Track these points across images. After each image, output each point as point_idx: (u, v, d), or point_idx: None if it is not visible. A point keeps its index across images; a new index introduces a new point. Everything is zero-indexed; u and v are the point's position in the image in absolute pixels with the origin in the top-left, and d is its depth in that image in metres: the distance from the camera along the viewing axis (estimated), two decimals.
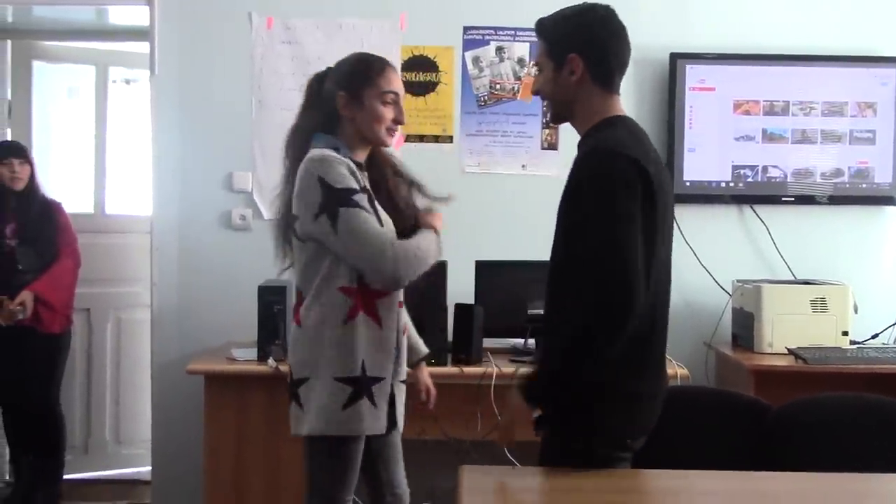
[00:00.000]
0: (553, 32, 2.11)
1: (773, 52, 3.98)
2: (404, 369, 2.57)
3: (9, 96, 4.51)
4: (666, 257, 2.09)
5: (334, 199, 2.31)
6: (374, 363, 2.40)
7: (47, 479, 4.09)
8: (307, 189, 2.35)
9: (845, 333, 3.63)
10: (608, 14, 2.09)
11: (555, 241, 2.10)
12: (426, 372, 2.81)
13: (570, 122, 2.16)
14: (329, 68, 2.55)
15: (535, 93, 2.18)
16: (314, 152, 2.41)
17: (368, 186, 2.44)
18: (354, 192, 2.33)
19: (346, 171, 2.34)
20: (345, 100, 2.44)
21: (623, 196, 1.91)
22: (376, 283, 2.36)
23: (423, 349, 2.78)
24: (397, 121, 2.47)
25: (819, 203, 4.03)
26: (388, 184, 2.54)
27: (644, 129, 2.14)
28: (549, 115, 2.21)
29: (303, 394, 2.42)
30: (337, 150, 2.42)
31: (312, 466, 2.47)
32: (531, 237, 3.74)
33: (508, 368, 3.34)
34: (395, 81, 2.48)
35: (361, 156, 2.51)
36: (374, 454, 2.59)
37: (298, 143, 2.49)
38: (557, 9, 2.15)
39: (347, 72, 2.47)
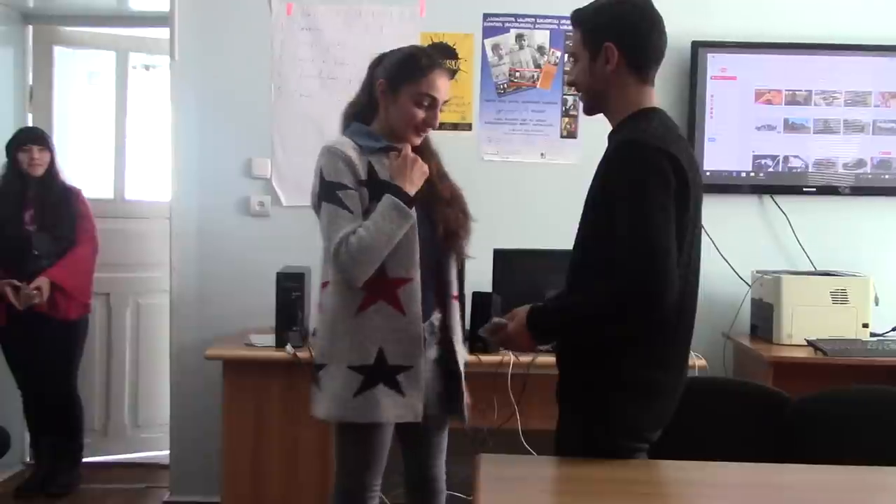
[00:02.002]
0: (589, 22, 2.09)
1: (795, 40, 3.95)
2: (459, 355, 2.57)
3: (30, 81, 4.54)
4: (695, 255, 2.07)
5: (323, 192, 2.39)
6: (397, 351, 2.40)
7: (67, 462, 4.13)
8: (315, 177, 2.43)
9: (866, 325, 3.61)
10: (645, 4, 2.08)
11: (580, 233, 2.08)
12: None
13: (603, 112, 2.12)
14: (392, 50, 2.55)
15: (571, 84, 2.18)
16: (330, 140, 2.46)
17: (384, 175, 2.41)
18: (341, 186, 2.35)
19: (342, 164, 2.37)
20: (383, 87, 2.45)
21: (656, 187, 1.89)
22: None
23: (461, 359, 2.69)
24: (427, 124, 2.46)
25: (841, 194, 3.99)
26: (433, 173, 2.52)
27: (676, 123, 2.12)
28: (582, 106, 2.16)
29: (322, 378, 2.46)
30: (357, 136, 2.45)
31: (338, 450, 2.53)
32: (550, 226, 3.73)
33: (525, 357, 3.34)
34: (438, 85, 2.43)
35: (395, 142, 2.47)
36: (409, 441, 2.62)
37: (343, 122, 2.56)
38: None
39: (394, 62, 2.47)
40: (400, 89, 2.42)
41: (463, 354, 2.64)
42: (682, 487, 1.99)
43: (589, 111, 2.16)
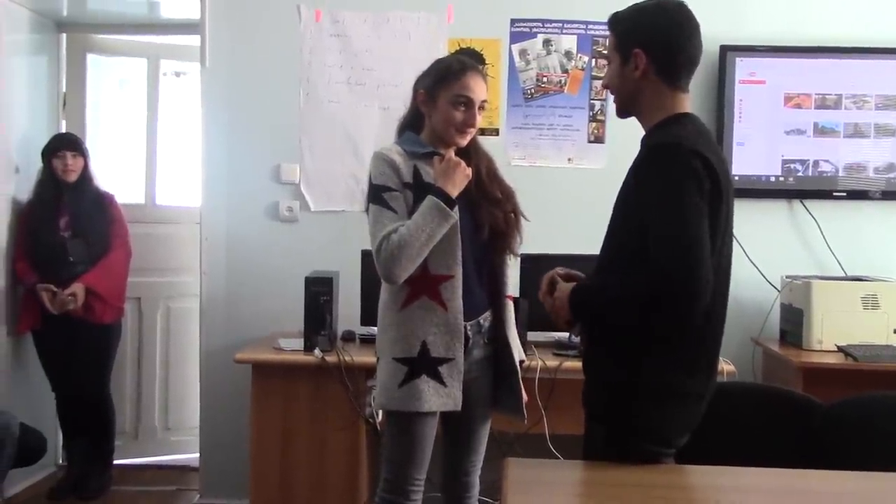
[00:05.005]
0: (622, 26, 2.11)
1: (825, 44, 3.92)
2: (515, 353, 2.66)
3: (64, 88, 4.60)
4: (726, 262, 2.07)
5: (370, 195, 2.53)
6: (439, 344, 2.50)
7: (99, 464, 4.18)
8: (368, 182, 2.56)
9: None
10: (679, 10, 2.08)
11: (609, 235, 2.10)
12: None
13: (636, 116, 2.14)
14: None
15: (605, 86, 2.19)
16: (380, 147, 2.60)
17: (428, 178, 2.51)
18: (386, 189, 2.49)
19: (387, 168, 2.50)
20: (423, 97, 2.58)
21: (691, 189, 1.90)
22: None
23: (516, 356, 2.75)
24: (467, 124, 2.54)
25: (871, 198, 3.96)
26: (481, 174, 2.63)
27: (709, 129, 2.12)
28: (615, 108, 2.19)
29: (377, 370, 2.60)
30: (406, 143, 2.58)
31: (387, 440, 2.63)
32: (577, 230, 3.73)
33: (552, 362, 3.34)
34: (472, 86, 2.53)
35: (443, 147, 2.58)
36: (452, 434, 2.71)
37: (397, 133, 2.68)
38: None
39: (429, 71, 2.60)
40: (437, 95, 2.54)
41: (519, 352, 2.72)
42: (710, 493, 1.98)
43: (621, 114, 2.18)
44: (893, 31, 3.95)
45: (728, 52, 3.89)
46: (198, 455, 4.16)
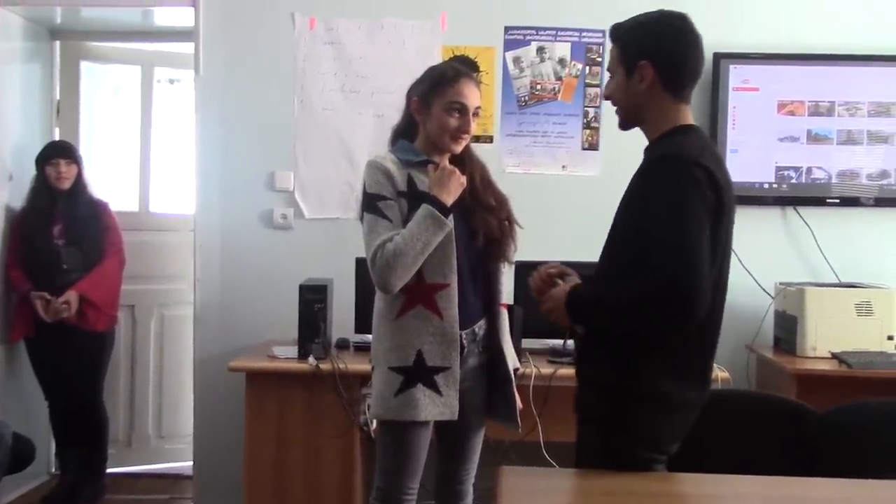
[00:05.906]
0: (626, 38, 2.09)
1: (818, 51, 3.93)
2: (509, 361, 2.66)
3: (57, 96, 4.59)
4: (725, 275, 2.07)
5: (364, 204, 2.53)
6: (435, 353, 2.49)
7: (92, 472, 4.17)
8: (362, 190, 2.56)
9: (891, 338, 3.57)
10: (683, 23, 2.07)
11: (609, 244, 2.10)
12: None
13: (639, 127, 2.13)
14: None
15: (607, 97, 2.17)
16: (374, 155, 2.60)
17: (423, 187, 2.50)
18: (381, 198, 2.48)
19: (382, 177, 2.50)
20: (416, 105, 2.57)
21: (694, 201, 1.90)
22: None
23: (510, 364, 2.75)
24: (462, 130, 2.54)
25: (864, 205, 3.97)
26: (476, 182, 2.63)
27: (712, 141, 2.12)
28: (618, 120, 2.18)
29: (372, 380, 2.60)
30: (400, 151, 2.57)
31: (379, 451, 2.61)
32: (571, 238, 3.75)
33: (547, 369, 3.34)
34: (466, 93, 2.53)
35: (437, 155, 2.58)
36: (446, 442, 2.71)
37: (390, 142, 2.68)
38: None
39: (423, 78, 2.60)
40: (431, 102, 2.53)
41: (513, 360, 2.71)
42: (705, 501, 1.98)
43: (624, 126, 2.17)
44: (886, 38, 3.96)
45: (722, 60, 3.90)
46: (191, 463, 4.14)
